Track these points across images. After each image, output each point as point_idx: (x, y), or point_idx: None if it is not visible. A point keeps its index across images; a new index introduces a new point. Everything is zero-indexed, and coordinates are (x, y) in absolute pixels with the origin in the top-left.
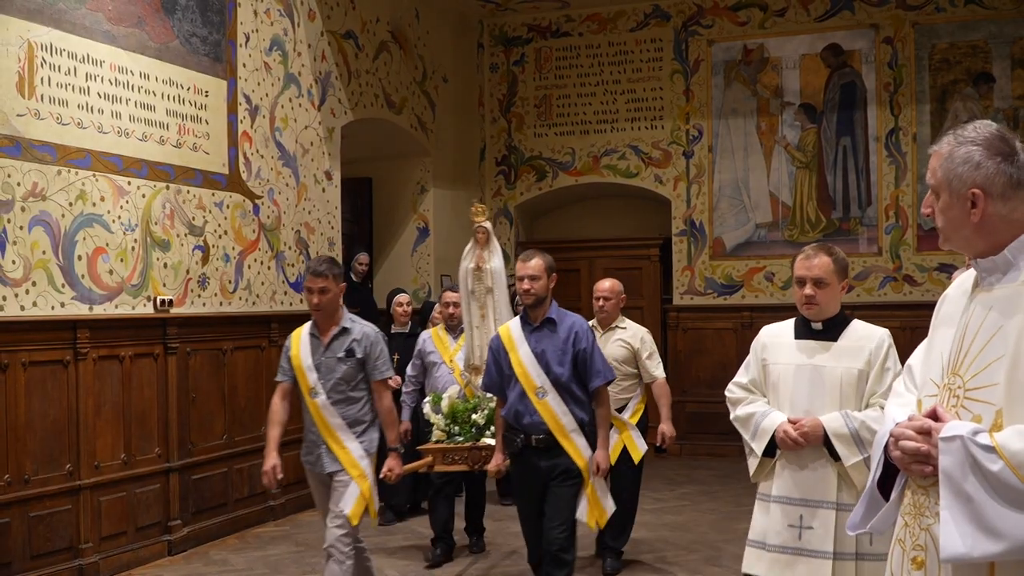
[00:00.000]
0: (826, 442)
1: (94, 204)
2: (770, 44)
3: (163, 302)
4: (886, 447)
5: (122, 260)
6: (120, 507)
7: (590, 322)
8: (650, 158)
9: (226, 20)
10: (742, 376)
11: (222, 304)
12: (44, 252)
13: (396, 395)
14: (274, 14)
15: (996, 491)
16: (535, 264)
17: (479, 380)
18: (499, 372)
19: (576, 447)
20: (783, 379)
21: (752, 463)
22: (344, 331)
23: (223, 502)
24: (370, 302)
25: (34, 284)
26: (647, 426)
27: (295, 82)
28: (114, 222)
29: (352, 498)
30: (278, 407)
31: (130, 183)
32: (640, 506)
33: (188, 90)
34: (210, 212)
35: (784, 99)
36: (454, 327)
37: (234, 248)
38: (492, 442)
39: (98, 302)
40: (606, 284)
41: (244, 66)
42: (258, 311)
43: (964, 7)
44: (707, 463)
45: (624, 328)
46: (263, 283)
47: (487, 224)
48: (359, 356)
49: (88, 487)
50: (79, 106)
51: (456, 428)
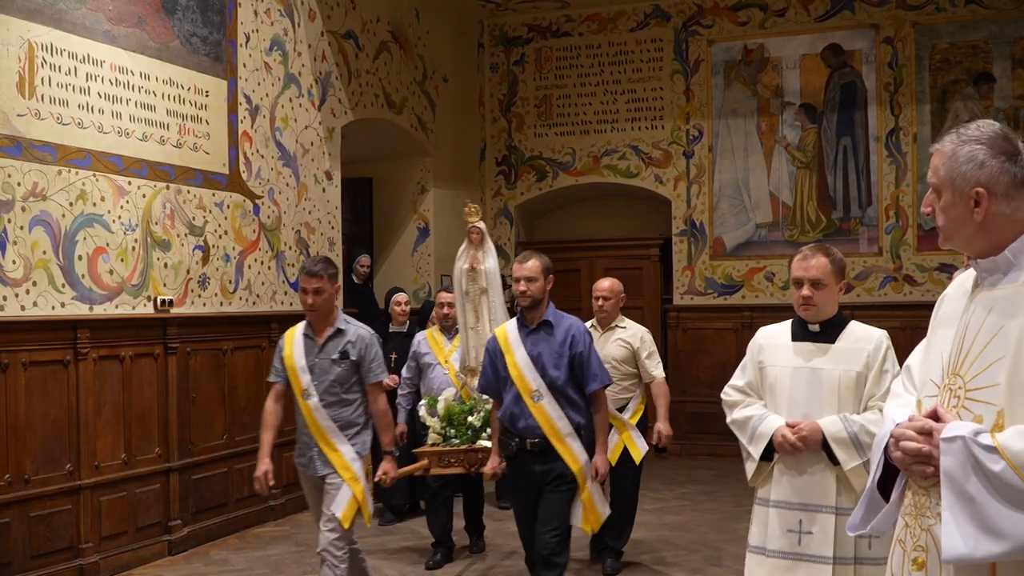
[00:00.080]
0: (824, 446)
1: (94, 204)
2: (770, 44)
3: (163, 302)
4: (886, 448)
5: (122, 260)
6: (120, 507)
7: (590, 322)
8: (650, 158)
9: (226, 20)
10: (738, 379)
11: (222, 304)
12: (44, 252)
13: (392, 396)
14: (274, 14)
15: (998, 491)
16: (532, 265)
17: (475, 382)
18: (495, 374)
19: (571, 451)
20: (780, 382)
21: (750, 467)
22: (339, 332)
23: (223, 502)
24: (372, 304)
25: (34, 284)
26: (647, 426)
27: (295, 82)
28: (114, 222)
29: (344, 500)
30: (272, 410)
31: (130, 183)
32: (640, 506)
33: (188, 90)
34: (210, 212)
35: (784, 99)
36: (449, 328)
37: (234, 248)
38: (488, 444)
39: (98, 302)
40: (605, 283)
41: (244, 66)
42: (258, 311)
43: (964, 7)
44: (707, 463)
45: (624, 328)
46: (263, 283)
47: (481, 224)
48: (354, 358)
49: (88, 487)
50: (79, 106)
51: (452, 430)
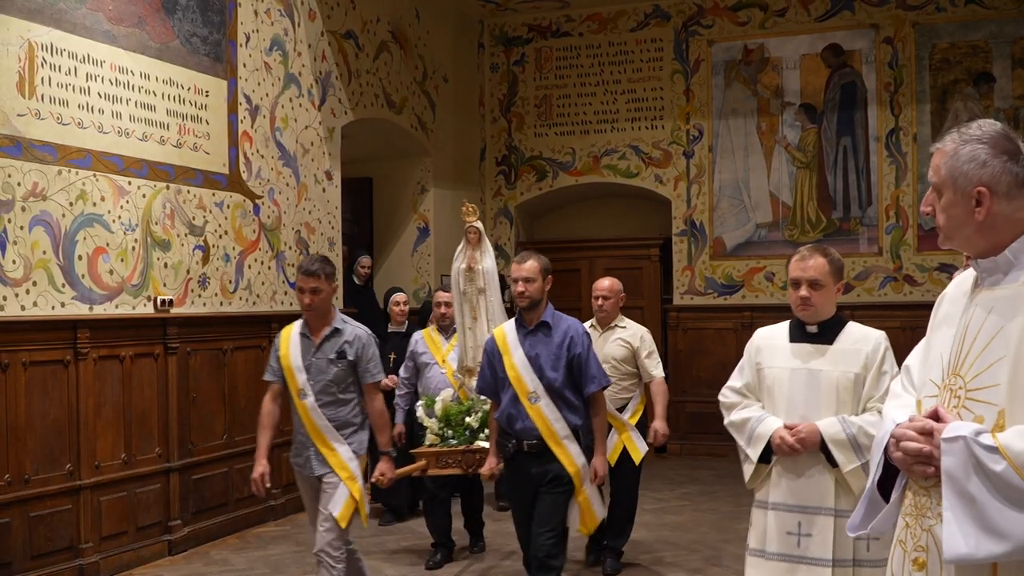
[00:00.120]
0: (823, 448)
1: (94, 204)
2: (770, 44)
3: (163, 302)
4: (886, 448)
5: (122, 260)
6: (120, 507)
7: (589, 321)
8: (650, 158)
9: (226, 20)
10: (736, 380)
11: (222, 304)
12: (44, 252)
13: (390, 396)
14: (274, 14)
15: (999, 491)
16: (530, 266)
17: (472, 382)
18: (493, 375)
19: (568, 454)
20: (778, 383)
21: (747, 469)
22: (336, 332)
23: (223, 502)
24: (373, 305)
25: (34, 284)
26: (646, 426)
27: (295, 82)
28: (114, 222)
29: (341, 500)
30: (269, 410)
31: (130, 183)
32: (640, 506)
33: (188, 90)
34: (210, 212)
35: (784, 99)
36: (446, 327)
37: (234, 248)
38: (486, 445)
39: (98, 302)
40: (605, 283)
41: (244, 66)
42: (258, 311)
43: (964, 7)
44: (707, 463)
45: (624, 327)
46: (263, 283)
47: (478, 224)
48: (351, 358)
49: (88, 487)
50: (79, 106)
51: (450, 431)
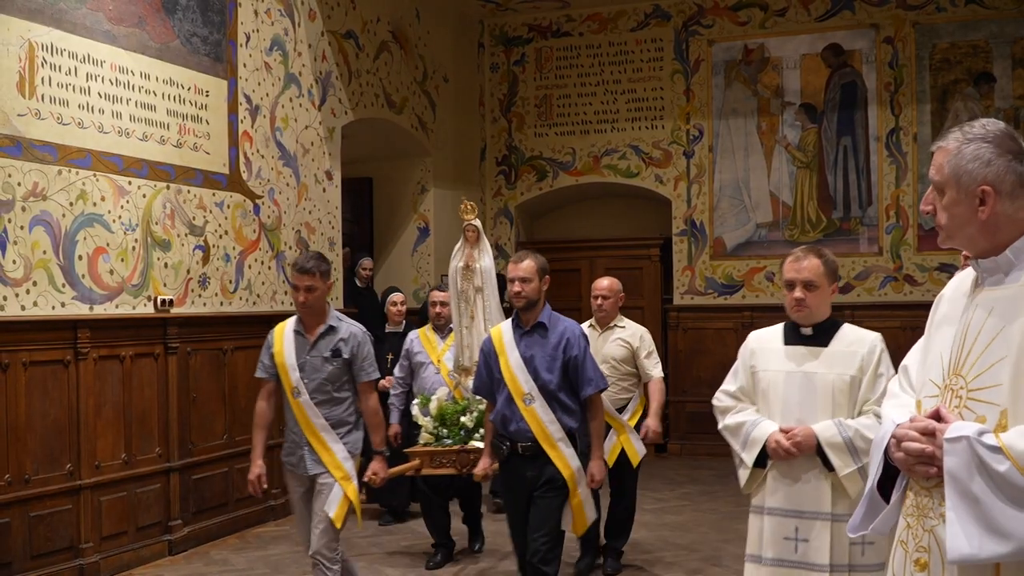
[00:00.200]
0: (819, 451)
1: (95, 204)
2: (770, 44)
3: (163, 302)
4: (887, 448)
5: (123, 260)
6: (121, 507)
7: (588, 322)
8: (651, 158)
9: (226, 20)
10: (730, 384)
11: (223, 304)
12: (45, 252)
13: (385, 396)
14: (275, 14)
15: (1002, 491)
16: (526, 266)
17: (468, 381)
18: (489, 375)
19: (563, 456)
20: (773, 386)
21: (743, 474)
22: (331, 329)
23: (224, 502)
24: (375, 307)
25: (35, 284)
26: None
27: (295, 82)
28: (115, 222)
29: (336, 501)
30: (263, 410)
31: (131, 183)
32: (640, 506)
33: (188, 90)
34: (211, 212)
35: (785, 99)
36: (442, 327)
37: (234, 248)
38: (481, 445)
39: (99, 302)
40: (604, 283)
41: (244, 66)
42: (258, 311)
43: (965, 7)
44: (707, 463)
45: (623, 327)
46: (263, 283)
47: (477, 222)
48: (346, 356)
49: (89, 487)
50: (80, 106)
51: (444, 430)
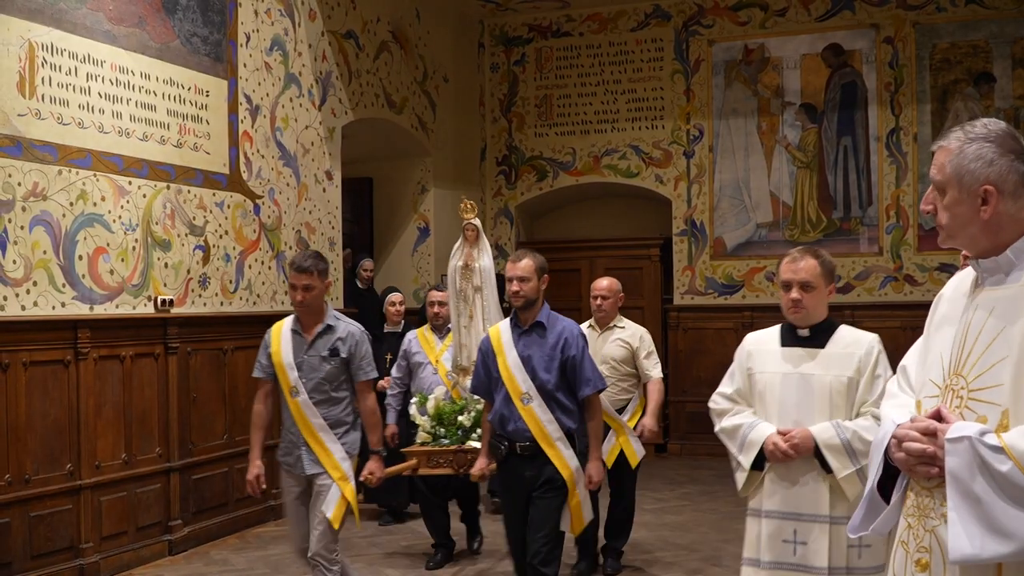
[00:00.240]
0: (817, 453)
1: (95, 204)
2: (771, 44)
3: (164, 302)
4: (887, 449)
5: (123, 260)
6: (121, 507)
7: (587, 322)
8: (651, 158)
9: (227, 20)
10: (726, 386)
11: (223, 304)
12: (45, 252)
13: (382, 396)
14: (275, 14)
15: (1005, 491)
16: (525, 265)
17: (466, 381)
18: (487, 375)
19: (561, 456)
20: (770, 388)
21: (740, 477)
22: (329, 328)
23: (224, 502)
24: (376, 308)
25: (35, 284)
26: None
27: (296, 82)
28: (115, 222)
29: (333, 501)
30: (261, 410)
31: (131, 183)
32: (640, 506)
33: (189, 90)
34: (211, 212)
35: (785, 99)
36: (440, 327)
37: (235, 248)
38: (478, 445)
39: (99, 302)
40: (604, 283)
41: (245, 66)
42: (259, 311)
43: (965, 7)
44: (707, 463)
45: (623, 328)
46: (264, 283)
47: (476, 221)
48: (344, 356)
49: (89, 487)
50: (80, 106)
51: (442, 430)
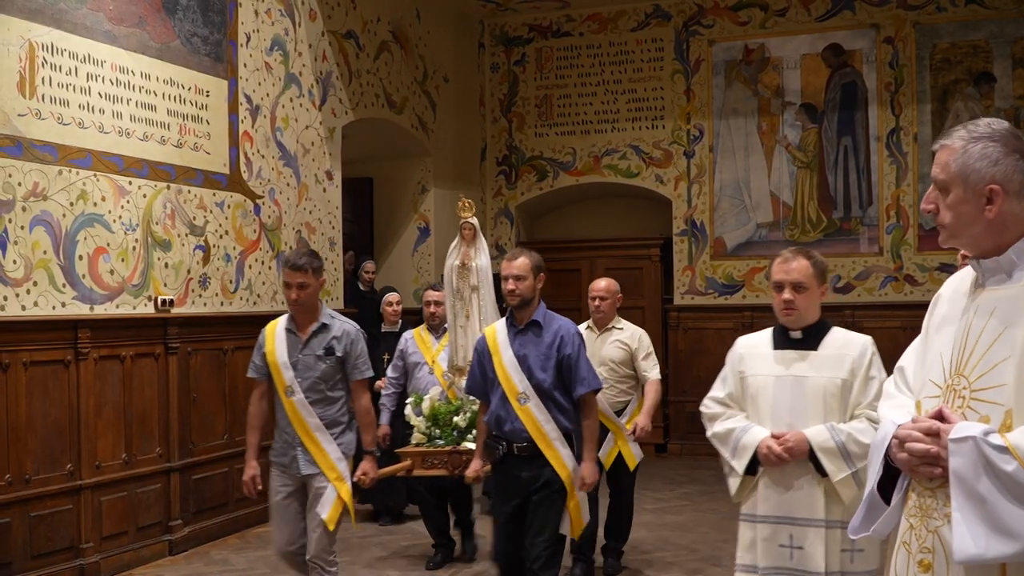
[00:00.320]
0: (811, 457)
1: (95, 204)
2: (771, 44)
3: (164, 302)
4: (887, 449)
5: (123, 260)
6: (121, 507)
7: (585, 323)
8: (651, 158)
9: (227, 20)
10: (718, 390)
11: (223, 304)
12: (45, 252)
13: (377, 396)
14: (275, 14)
15: (1009, 491)
16: (520, 263)
17: (462, 382)
18: (483, 375)
19: (559, 457)
20: (763, 391)
21: (733, 482)
22: (324, 327)
23: (224, 502)
24: (377, 310)
25: (35, 284)
26: None
27: (296, 82)
28: (115, 222)
29: (329, 502)
30: (256, 410)
31: (131, 183)
32: (640, 506)
33: (189, 90)
34: (211, 212)
35: (785, 99)
36: (436, 327)
37: (235, 248)
38: (473, 446)
39: (99, 302)
40: (602, 283)
41: (245, 66)
42: (259, 311)
43: (965, 7)
44: (707, 463)
45: (621, 329)
46: (264, 283)
47: (474, 220)
48: (339, 354)
49: (89, 487)
50: (80, 106)
51: (437, 431)
